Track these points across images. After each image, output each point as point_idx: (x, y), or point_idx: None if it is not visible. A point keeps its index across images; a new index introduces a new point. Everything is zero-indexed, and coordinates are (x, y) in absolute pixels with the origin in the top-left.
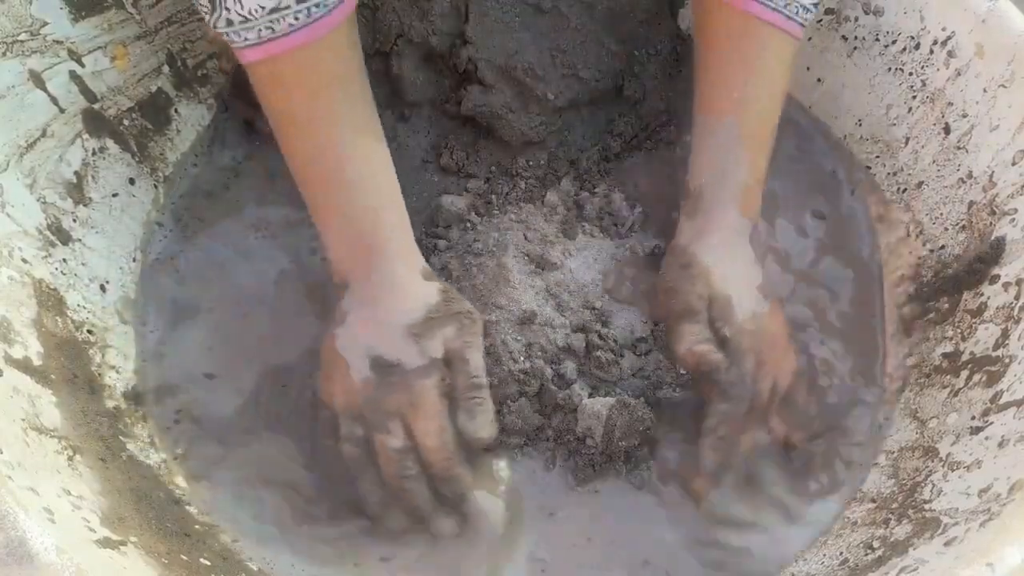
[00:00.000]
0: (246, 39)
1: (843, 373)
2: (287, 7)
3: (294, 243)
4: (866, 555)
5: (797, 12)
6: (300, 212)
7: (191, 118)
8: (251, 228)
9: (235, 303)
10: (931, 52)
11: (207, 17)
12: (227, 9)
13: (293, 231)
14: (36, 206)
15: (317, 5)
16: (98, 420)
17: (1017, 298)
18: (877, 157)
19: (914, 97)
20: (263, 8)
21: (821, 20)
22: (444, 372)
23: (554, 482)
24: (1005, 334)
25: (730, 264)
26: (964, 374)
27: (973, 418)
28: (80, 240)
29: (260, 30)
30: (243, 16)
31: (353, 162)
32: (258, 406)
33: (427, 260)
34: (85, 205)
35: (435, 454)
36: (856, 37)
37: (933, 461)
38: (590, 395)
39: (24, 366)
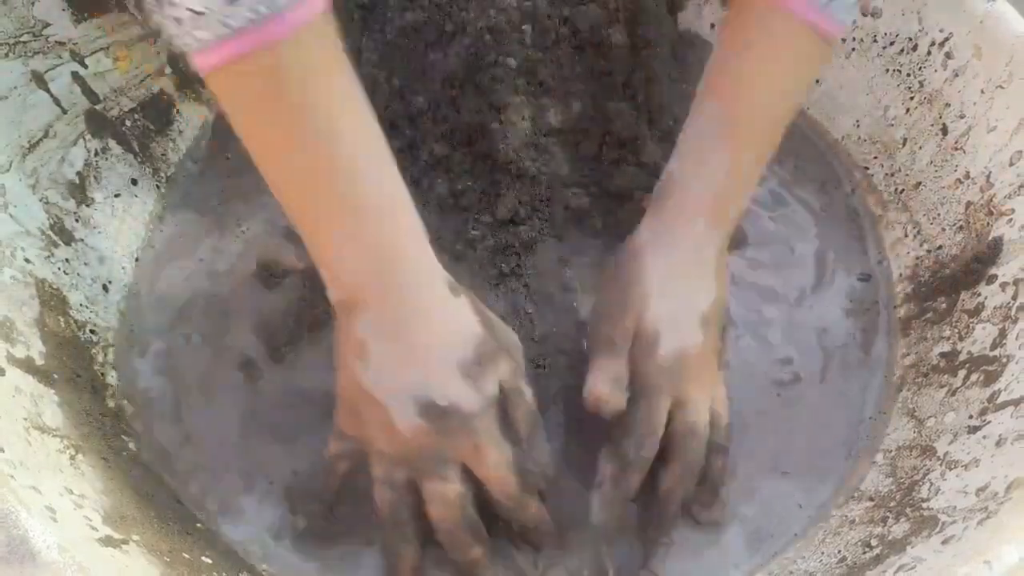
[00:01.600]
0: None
1: None
2: None
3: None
4: (864, 553)
5: (828, 5)
6: None
7: (192, 118)
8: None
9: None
10: (929, 53)
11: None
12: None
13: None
14: (39, 206)
15: None
16: (100, 419)
17: (1014, 298)
18: (875, 158)
19: (912, 98)
20: None
21: None
22: (499, 408)
23: None
24: (1002, 334)
25: (675, 292)
26: (962, 373)
27: (971, 417)
28: (82, 240)
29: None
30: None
31: (356, 163)
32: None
33: None
34: (87, 205)
35: (508, 487)
36: (854, 39)
37: (931, 460)
38: None
39: (27, 365)
